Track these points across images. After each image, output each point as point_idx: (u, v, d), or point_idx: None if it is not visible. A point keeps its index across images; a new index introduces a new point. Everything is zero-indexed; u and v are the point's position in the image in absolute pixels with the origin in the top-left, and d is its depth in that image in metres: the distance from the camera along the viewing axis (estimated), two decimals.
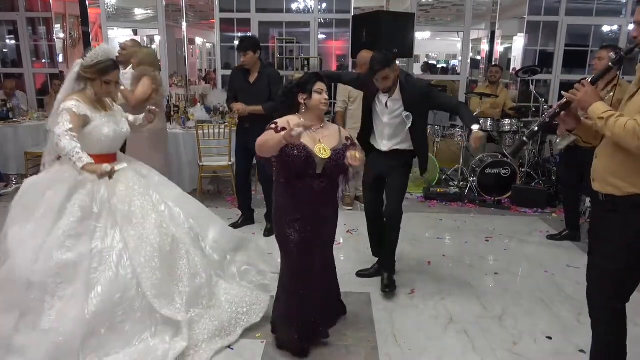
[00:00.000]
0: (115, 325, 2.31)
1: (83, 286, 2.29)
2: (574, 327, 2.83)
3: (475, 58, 8.86)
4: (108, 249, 2.40)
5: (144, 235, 2.48)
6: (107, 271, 2.35)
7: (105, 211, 2.48)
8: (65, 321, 2.23)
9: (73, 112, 2.44)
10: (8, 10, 7.46)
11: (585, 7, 6.84)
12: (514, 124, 5.40)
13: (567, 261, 3.77)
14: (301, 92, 2.37)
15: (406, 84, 3.01)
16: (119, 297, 2.33)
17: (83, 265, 2.33)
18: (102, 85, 2.55)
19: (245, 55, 3.86)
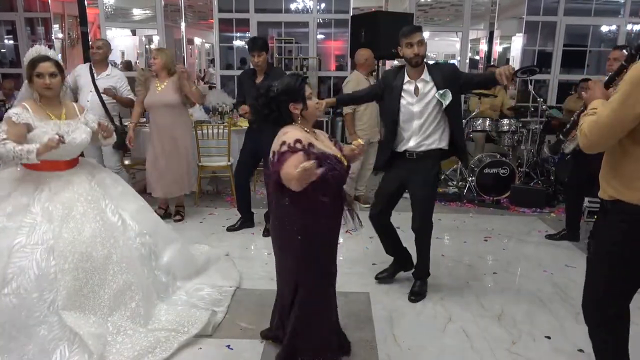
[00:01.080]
0: (29, 327, 2.21)
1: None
2: (572, 326, 2.83)
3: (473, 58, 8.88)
4: (33, 245, 2.33)
5: (76, 241, 2.40)
6: (28, 269, 2.27)
7: (41, 208, 2.42)
8: None
9: (12, 121, 2.44)
10: (7, 11, 7.47)
11: (583, 7, 6.86)
12: (512, 124, 5.41)
13: (565, 261, 3.78)
14: (293, 102, 2.10)
15: (432, 67, 2.92)
16: (36, 297, 2.24)
17: (1, 259, 2.26)
18: (35, 79, 2.50)
19: (259, 55, 3.83)
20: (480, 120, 5.50)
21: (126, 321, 2.46)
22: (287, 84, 2.09)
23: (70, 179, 2.58)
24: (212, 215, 4.68)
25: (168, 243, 2.94)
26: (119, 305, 2.47)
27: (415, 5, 6.63)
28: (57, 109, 2.62)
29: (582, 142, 1.77)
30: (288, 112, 2.11)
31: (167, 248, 2.92)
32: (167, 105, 4.15)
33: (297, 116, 2.12)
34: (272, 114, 2.10)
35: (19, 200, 2.43)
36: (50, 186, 2.50)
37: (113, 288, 2.47)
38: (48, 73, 2.51)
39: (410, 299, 3.08)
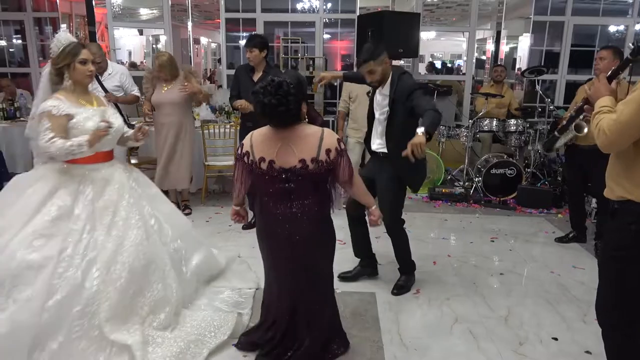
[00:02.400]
0: (71, 340, 2.14)
1: (42, 291, 2.12)
2: (580, 328, 2.82)
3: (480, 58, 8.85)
4: (79, 255, 2.25)
5: (118, 251, 2.32)
6: (72, 279, 2.18)
7: (86, 214, 2.34)
8: (14, 326, 2.05)
9: (52, 115, 2.33)
10: (15, 10, 7.51)
11: (591, 7, 6.82)
12: (519, 124, 5.39)
13: (572, 262, 3.76)
14: (304, 102, 2.07)
15: (398, 81, 2.87)
16: (78, 310, 2.16)
17: (47, 268, 2.16)
18: (79, 67, 2.41)
19: (251, 51, 3.89)
20: (487, 120, 5.47)
21: (154, 330, 2.38)
22: (299, 81, 2.07)
23: (111, 174, 2.49)
24: (218, 214, 4.70)
25: (196, 247, 2.89)
26: (148, 315, 2.39)
27: (422, 5, 6.61)
28: (88, 97, 2.54)
29: (601, 140, 1.73)
30: (300, 111, 2.04)
31: (196, 252, 2.87)
32: (173, 103, 4.22)
33: (303, 115, 2.10)
34: (289, 112, 1.97)
35: (64, 200, 2.33)
36: (92, 185, 2.41)
37: (148, 297, 2.39)
38: (90, 60, 2.45)
39: (392, 292, 3.13)
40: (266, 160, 2.05)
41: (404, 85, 2.85)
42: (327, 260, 2.29)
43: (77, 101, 2.44)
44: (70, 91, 2.44)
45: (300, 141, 2.03)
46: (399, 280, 3.21)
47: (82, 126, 2.39)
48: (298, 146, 2.02)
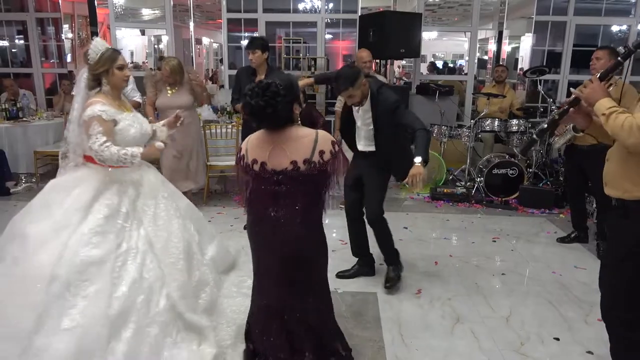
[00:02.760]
0: (141, 327, 2.24)
1: (108, 285, 2.21)
2: (581, 328, 2.82)
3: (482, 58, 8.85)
4: (134, 249, 2.35)
5: (169, 238, 2.45)
6: (131, 272, 2.29)
7: (131, 211, 2.43)
8: (89, 320, 2.13)
9: (102, 119, 2.38)
10: (18, 11, 7.54)
11: (593, 7, 6.81)
12: (521, 124, 5.38)
13: (574, 262, 3.75)
14: (297, 103, 2.03)
15: (378, 95, 2.93)
16: (143, 299, 2.27)
17: (108, 263, 2.26)
18: (117, 72, 2.47)
19: (253, 53, 3.91)
20: (489, 120, 5.47)
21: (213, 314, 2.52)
22: (291, 82, 2.00)
23: (143, 175, 2.56)
24: (220, 214, 4.70)
25: (211, 240, 2.97)
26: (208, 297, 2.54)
27: (424, 5, 6.61)
28: (122, 102, 2.60)
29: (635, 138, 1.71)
30: (291, 113, 2.01)
31: (210, 245, 2.94)
32: (180, 107, 4.19)
33: (297, 117, 2.05)
34: (277, 113, 1.94)
35: (111, 200, 2.40)
36: (132, 185, 2.49)
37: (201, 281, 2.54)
38: (127, 65, 2.52)
39: (385, 286, 3.17)
40: (258, 162, 2.03)
41: (386, 101, 2.94)
42: (315, 267, 2.17)
43: (116, 105, 2.50)
44: (109, 96, 2.50)
45: (292, 143, 2.00)
46: (388, 272, 3.25)
47: (127, 132, 2.47)
48: (290, 148, 1.99)
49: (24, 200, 5.03)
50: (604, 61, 3.61)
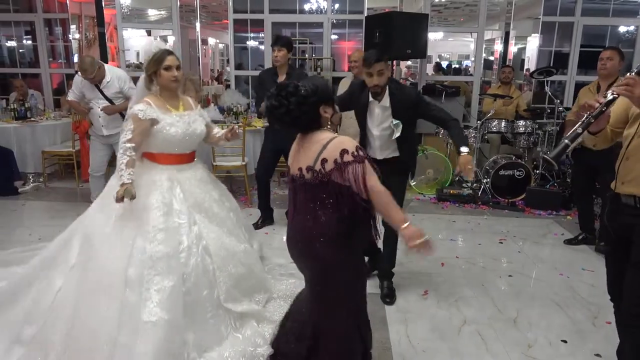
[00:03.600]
0: (207, 320, 2.37)
1: (178, 278, 2.30)
2: (589, 330, 2.81)
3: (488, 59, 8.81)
4: (195, 245, 2.43)
5: (220, 239, 2.55)
6: (195, 266, 2.39)
7: (185, 209, 2.50)
8: (167, 313, 2.21)
9: (137, 118, 2.48)
10: (26, 11, 7.58)
11: (601, 8, 6.76)
12: (528, 125, 5.37)
13: (582, 264, 3.73)
14: (324, 104, 1.88)
15: (395, 90, 2.88)
16: (207, 293, 2.40)
17: (175, 258, 2.34)
18: (164, 73, 2.54)
19: (279, 50, 3.89)
20: (495, 121, 5.45)
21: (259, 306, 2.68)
22: (318, 84, 1.90)
23: (194, 174, 2.67)
24: None
25: (253, 233, 3.20)
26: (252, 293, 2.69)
27: (430, 6, 6.59)
28: (176, 101, 2.67)
29: None
30: (318, 115, 1.88)
31: (254, 237, 3.16)
32: None
33: (326, 121, 1.91)
34: (301, 116, 1.85)
35: (165, 198, 2.47)
36: (180, 184, 2.57)
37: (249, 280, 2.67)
38: (175, 66, 2.56)
39: (385, 301, 3.07)
40: (289, 165, 2.03)
41: (406, 93, 2.91)
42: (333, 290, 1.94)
43: (165, 106, 2.59)
44: (158, 96, 2.60)
45: (308, 148, 1.89)
46: (384, 288, 3.13)
47: (167, 132, 2.55)
48: (304, 153, 1.91)
49: (33, 200, 5.09)
50: (615, 61, 3.57)
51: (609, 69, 3.62)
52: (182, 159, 2.67)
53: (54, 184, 5.69)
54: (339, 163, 1.80)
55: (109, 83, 4.26)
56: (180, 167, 2.64)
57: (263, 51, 6.93)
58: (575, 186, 4.28)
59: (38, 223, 4.36)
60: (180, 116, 2.63)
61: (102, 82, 4.24)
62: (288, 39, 4.02)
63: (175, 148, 2.62)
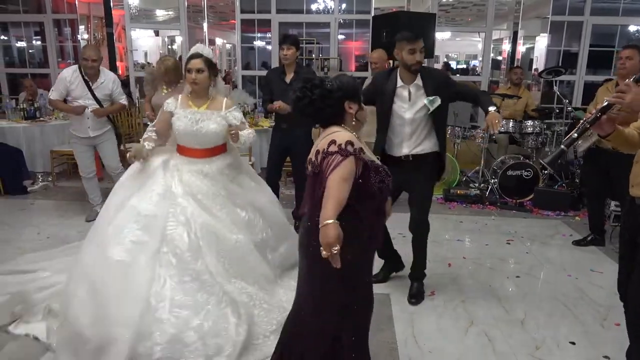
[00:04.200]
0: (184, 282, 2.49)
1: (157, 237, 2.54)
2: (598, 332, 2.78)
3: (496, 58, 8.77)
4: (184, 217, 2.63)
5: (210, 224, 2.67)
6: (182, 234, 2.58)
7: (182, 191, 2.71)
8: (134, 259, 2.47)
9: (162, 109, 2.90)
10: (35, 12, 7.66)
11: (610, 7, 6.71)
12: (536, 126, 5.33)
13: (590, 265, 3.70)
14: (349, 100, 1.85)
15: (424, 72, 2.87)
16: (189, 257, 2.54)
17: (161, 219, 2.59)
18: (187, 75, 2.81)
19: (288, 49, 3.87)
20: (503, 121, 5.41)
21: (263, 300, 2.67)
22: (344, 80, 1.88)
23: (202, 169, 2.81)
24: None
25: (286, 237, 3.14)
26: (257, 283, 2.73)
27: (437, 5, 6.58)
28: (202, 101, 2.88)
29: None
30: (342, 110, 1.85)
31: (284, 241, 3.11)
32: None
33: (350, 117, 1.87)
34: (325, 109, 1.82)
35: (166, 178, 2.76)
36: (182, 175, 2.78)
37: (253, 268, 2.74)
38: (195, 69, 2.78)
39: (410, 301, 3.06)
40: None
41: (435, 74, 2.91)
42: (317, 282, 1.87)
43: (187, 103, 2.87)
44: (187, 94, 2.91)
45: (321, 139, 1.85)
46: (412, 288, 3.12)
47: (174, 124, 2.83)
48: (320, 143, 1.86)
49: (41, 199, 5.13)
50: (635, 61, 3.48)
51: (628, 69, 3.53)
52: (192, 153, 2.85)
53: (63, 183, 5.73)
54: (325, 152, 1.75)
55: (102, 84, 4.21)
56: (190, 159, 2.84)
57: (270, 51, 6.95)
58: (588, 187, 4.23)
59: (46, 222, 4.39)
60: (192, 113, 2.82)
61: (96, 82, 4.19)
62: (296, 38, 4.01)
63: (183, 141, 2.85)
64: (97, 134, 4.27)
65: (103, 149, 4.35)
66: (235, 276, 2.65)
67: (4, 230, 4.19)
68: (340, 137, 1.76)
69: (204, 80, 2.80)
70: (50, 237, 3.98)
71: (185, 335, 2.33)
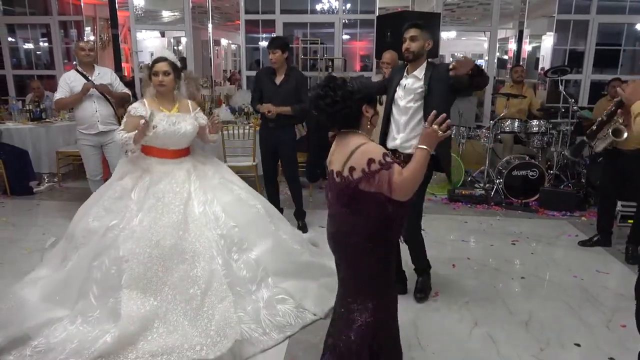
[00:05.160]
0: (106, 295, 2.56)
1: (91, 252, 2.65)
2: (603, 334, 2.75)
3: (502, 58, 8.72)
4: (121, 228, 2.68)
5: (150, 228, 2.66)
6: (112, 248, 2.63)
7: (138, 197, 2.77)
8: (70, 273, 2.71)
9: (130, 114, 2.88)
10: (41, 14, 7.71)
11: (617, 5, 6.65)
12: (542, 125, 5.30)
13: (596, 266, 3.67)
14: (368, 105, 1.88)
15: (432, 65, 2.88)
16: (114, 272, 2.58)
17: (97, 234, 2.70)
18: (153, 78, 2.87)
19: (273, 53, 3.89)
20: (508, 121, 5.39)
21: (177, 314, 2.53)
22: (364, 83, 1.89)
23: (172, 169, 2.88)
24: None
25: (262, 238, 2.91)
26: (172, 292, 2.58)
27: (442, 5, 6.55)
28: (170, 104, 2.96)
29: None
30: (360, 114, 1.88)
31: (260, 243, 2.89)
32: None
33: (366, 120, 1.90)
34: (345, 109, 1.84)
35: (127, 184, 2.83)
36: (152, 175, 2.83)
37: (174, 276, 2.60)
38: (162, 71, 2.85)
39: (416, 296, 3.07)
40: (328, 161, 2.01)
41: (440, 66, 2.90)
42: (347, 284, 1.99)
43: (157, 107, 2.90)
44: (154, 98, 2.94)
45: (341, 150, 1.89)
46: (417, 283, 3.14)
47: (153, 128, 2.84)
48: (338, 155, 1.91)
49: (47, 200, 5.17)
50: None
51: None
52: (166, 154, 2.91)
53: (68, 184, 5.76)
54: (367, 172, 1.78)
55: (99, 75, 4.27)
56: (161, 160, 2.90)
57: None
58: (602, 187, 4.16)
59: (52, 222, 4.42)
60: (167, 116, 2.89)
61: (93, 74, 4.25)
62: (283, 40, 3.99)
63: (157, 143, 2.88)
64: (106, 130, 4.24)
65: (109, 150, 4.35)
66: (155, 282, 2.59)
67: (10, 231, 4.22)
68: (374, 153, 1.78)
69: (170, 83, 2.89)
70: (55, 238, 4.00)
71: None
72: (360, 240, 1.88)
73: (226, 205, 2.90)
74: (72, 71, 4.31)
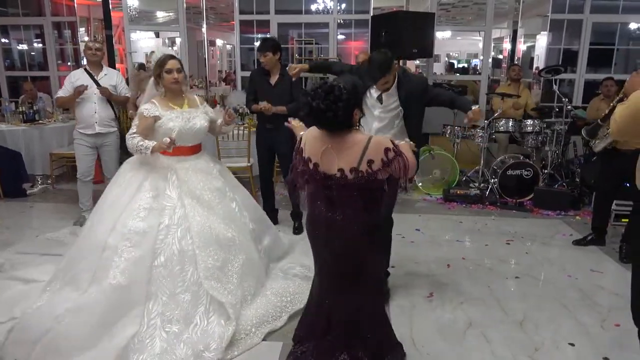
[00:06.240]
0: (175, 294, 2.57)
1: (149, 253, 2.59)
2: (598, 333, 2.76)
3: (496, 57, 8.74)
4: (175, 225, 2.68)
5: (207, 223, 2.73)
6: (171, 244, 2.64)
7: (177, 194, 2.77)
8: (131, 279, 2.53)
9: (142, 115, 2.83)
10: (35, 15, 7.67)
11: (610, 4, 6.67)
12: (536, 125, 5.31)
13: (590, 265, 3.68)
14: (357, 107, 1.98)
15: (403, 78, 2.88)
16: (179, 269, 2.60)
17: (151, 234, 2.62)
18: (166, 75, 2.83)
19: (264, 56, 3.88)
20: (503, 121, 5.40)
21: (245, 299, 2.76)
22: (355, 87, 1.96)
23: (195, 165, 2.91)
24: None
25: (266, 230, 3.28)
26: (240, 281, 2.76)
27: (437, 5, 6.55)
28: (180, 100, 2.96)
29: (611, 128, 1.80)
30: (351, 118, 1.96)
31: (266, 234, 3.26)
32: None
33: (355, 122, 2.00)
34: (337, 118, 1.91)
35: (158, 184, 2.80)
36: (178, 173, 2.83)
37: (235, 266, 2.77)
38: (176, 68, 2.84)
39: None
40: (312, 162, 2.04)
41: (414, 81, 2.93)
42: (369, 272, 2.15)
43: (168, 105, 2.89)
44: (162, 97, 2.91)
45: (343, 150, 1.97)
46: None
47: (165, 126, 2.83)
48: (340, 154, 1.96)
49: (40, 202, 5.14)
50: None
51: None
52: (183, 151, 2.90)
53: (62, 186, 5.73)
54: (386, 161, 1.94)
55: (106, 75, 4.29)
56: (180, 158, 2.89)
57: None
58: (600, 187, 4.15)
59: (45, 224, 4.39)
60: (180, 113, 2.90)
61: (100, 74, 4.27)
62: (273, 42, 3.97)
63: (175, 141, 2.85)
64: (103, 132, 4.23)
65: (105, 153, 4.32)
66: (229, 274, 2.72)
67: (3, 233, 4.19)
68: (386, 142, 1.97)
69: (183, 79, 2.91)
70: (49, 240, 3.98)
71: (176, 348, 2.43)
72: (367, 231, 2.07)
73: (243, 202, 3.11)
74: (80, 70, 4.36)
